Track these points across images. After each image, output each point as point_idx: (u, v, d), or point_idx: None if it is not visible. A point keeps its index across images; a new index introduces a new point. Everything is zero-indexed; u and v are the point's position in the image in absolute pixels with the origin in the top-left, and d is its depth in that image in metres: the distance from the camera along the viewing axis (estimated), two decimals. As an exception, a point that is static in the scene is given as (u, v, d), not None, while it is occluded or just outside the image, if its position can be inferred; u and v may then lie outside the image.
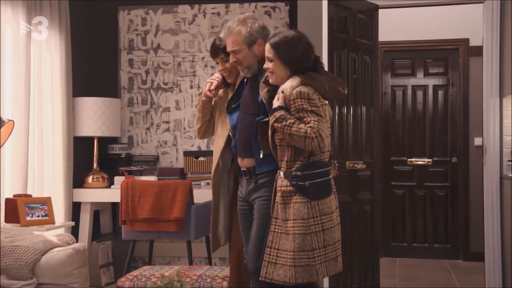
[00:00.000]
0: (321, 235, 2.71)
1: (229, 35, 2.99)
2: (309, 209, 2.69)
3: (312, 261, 2.70)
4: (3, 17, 3.98)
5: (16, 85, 4.11)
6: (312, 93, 2.70)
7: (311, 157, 2.71)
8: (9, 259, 2.84)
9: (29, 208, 3.33)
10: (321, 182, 2.74)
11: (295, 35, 2.79)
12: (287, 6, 5.14)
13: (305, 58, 2.78)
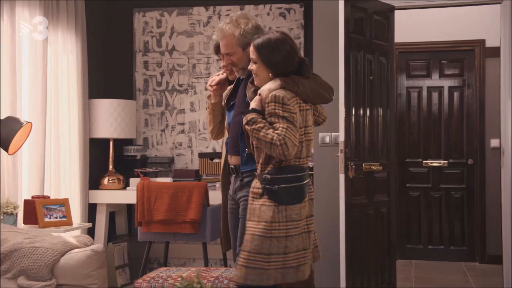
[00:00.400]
0: (284, 241, 2.64)
1: (222, 38, 2.96)
2: (275, 213, 2.64)
3: (267, 265, 2.63)
4: (20, 20, 4.00)
5: (33, 88, 4.14)
6: (290, 98, 2.65)
7: (283, 162, 2.67)
8: (29, 260, 2.86)
9: (47, 209, 3.35)
10: (292, 187, 2.68)
11: (279, 37, 2.74)
12: (302, 7, 5.13)
13: (288, 62, 2.74)
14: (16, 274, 2.78)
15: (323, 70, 4.25)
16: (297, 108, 2.68)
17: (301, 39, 5.14)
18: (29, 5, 4.07)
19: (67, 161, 4.59)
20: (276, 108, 2.62)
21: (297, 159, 2.70)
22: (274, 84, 2.69)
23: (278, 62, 2.71)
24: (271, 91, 2.67)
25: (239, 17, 2.99)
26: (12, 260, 2.82)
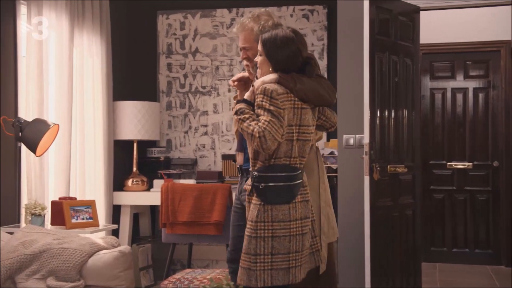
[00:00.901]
0: (269, 241, 2.59)
1: (241, 31, 2.99)
2: (260, 212, 2.60)
3: (254, 265, 2.59)
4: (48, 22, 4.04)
5: (59, 90, 4.18)
6: (281, 93, 2.62)
7: (272, 159, 2.63)
8: (58, 261, 2.89)
9: (74, 211, 3.37)
10: (279, 186, 2.63)
11: (287, 35, 2.71)
12: (325, 9, 5.12)
13: (290, 61, 2.71)
14: (45, 274, 2.82)
15: (348, 72, 4.24)
16: (288, 104, 2.64)
17: (324, 40, 5.13)
18: (56, 8, 4.12)
19: (92, 162, 4.62)
20: (264, 100, 2.60)
21: (287, 157, 2.65)
22: (269, 77, 2.69)
23: (280, 60, 2.70)
24: (264, 83, 2.66)
25: (262, 13, 3.02)
26: (42, 261, 2.85)
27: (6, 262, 2.90)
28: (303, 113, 2.69)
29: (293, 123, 2.65)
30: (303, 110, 2.69)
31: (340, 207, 4.27)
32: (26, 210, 3.48)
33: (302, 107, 2.68)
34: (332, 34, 5.07)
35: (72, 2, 4.28)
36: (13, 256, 2.94)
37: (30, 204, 3.48)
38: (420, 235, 4.36)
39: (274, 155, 2.62)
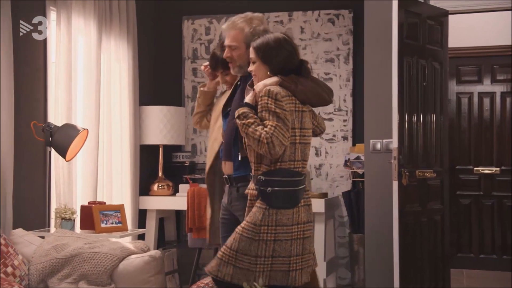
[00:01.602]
0: (271, 244, 2.60)
1: (231, 29, 2.94)
2: (265, 216, 2.59)
3: (253, 267, 2.60)
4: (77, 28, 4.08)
5: (87, 95, 4.21)
6: (284, 95, 2.62)
7: (277, 163, 2.62)
8: (89, 265, 2.91)
9: (103, 215, 3.39)
10: (286, 191, 2.63)
11: (278, 38, 2.74)
12: (351, 13, 5.10)
13: (287, 62, 2.72)
14: (77, 278, 2.84)
15: (375, 76, 4.21)
16: (291, 107, 2.65)
17: (350, 45, 5.10)
18: (84, 14, 4.15)
19: (119, 167, 4.65)
20: (269, 102, 2.59)
21: (291, 161, 2.65)
22: (270, 80, 2.68)
23: (277, 61, 2.70)
24: (266, 85, 2.65)
25: (254, 17, 3.00)
26: (73, 265, 2.87)
27: (39, 265, 2.92)
28: (303, 116, 2.70)
29: (295, 126, 2.66)
30: (303, 113, 2.70)
31: (367, 212, 4.24)
32: (56, 214, 3.51)
33: (302, 110, 2.70)
34: (358, 38, 5.05)
35: (100, 8, 4.32)
36: (46, 260, 2.97)
37: (60, 209, 3.51)
38: (449, 241, 4.31)
39: (280, 159, 2.62)
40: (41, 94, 3.91)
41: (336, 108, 5.14)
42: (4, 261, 2.76)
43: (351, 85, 5.11)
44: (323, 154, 5.17)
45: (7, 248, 2.82)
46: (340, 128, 5.14)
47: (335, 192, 5.14)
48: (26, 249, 3.03)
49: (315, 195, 4.85)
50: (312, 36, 5.18)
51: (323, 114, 5.16)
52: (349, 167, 4.90)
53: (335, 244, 5.12)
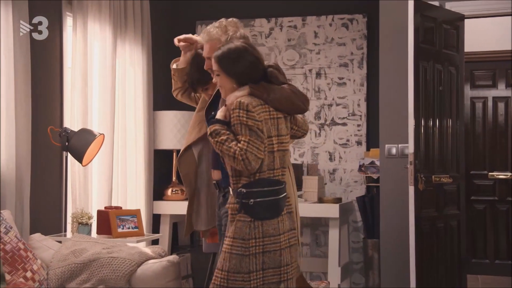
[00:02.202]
0: (261, 257, 2.55)
1: (207, 41, 2.85)
2: (251, 229, 2.54)
3: (248, 284, 2.53)
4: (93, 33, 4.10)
5: (102, 100, 4.23)
6: (256, 105, 2.55)
7: (257, 174, 2.54)
8: (107, 270, 2.91)
9: (120, 220, 3.40)
10: (268, 201, 2.57)
11: (239, 47, 2.63)
12: (365, 18, 5.09)
13: (251, 70, 2.63)
14: (96, 283, 2.84)
15: (390, 81, 4.20)
16: (265, 115, 2.57)
17: (364, 49, 5.10)
18: (100, 19, 4.17)
19: (133, 172, 4.66)
20: (241, 115, 2.52)
21: (270, 170, 2.57)
22: (241, 92, 2.60)
23: (241, 72, 2.62)
24: (237, 97, 2.58)
25: (229, 24, 2.89)
26: (91, 270, 2.87)
27: (58, 270, 2.93)
28: (279, 123, 2.63)
29: (272, 134, 2.59)
30: (279, 119, 2.63)
31: (382, 217, 4.23)
32: (73, 219, 3.52)
33: (277, 117, 2.62)
34: (372, 43, 5.04)
35: (115, 13, 4.34)
36: (64, 264, 2.98)
37: (76, 213, 3.52)
38: (465, 247, 4.28)
39: (259, 170, 2.55)
40: (57, 99, 3.93)
41: (350, 113, 5.13)
42: (24, 266, 2.77)
43: (365, 89, 5.10)
44: (337, 159, 5.16)
45: (26, 253, 2.83)
46: (354, 133, 5.12)
47: (349, 197, 5.12)
48: (45, 253, 3.04)
49: (329, 200, 4.84)
50: (326, 41, 5.18)
51: (337, 119, 5.16)
52: (364, 172, 4.88)
53: (349, 249, 5.10)
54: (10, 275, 2.66)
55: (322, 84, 5.20)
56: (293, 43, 5.25)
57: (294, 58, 5.25)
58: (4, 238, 2.76)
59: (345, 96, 5.15)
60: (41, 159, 3.73)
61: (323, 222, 5.15)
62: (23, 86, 3.48)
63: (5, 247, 2.73)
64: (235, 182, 2.58)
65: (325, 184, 5.13)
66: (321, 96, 5.19)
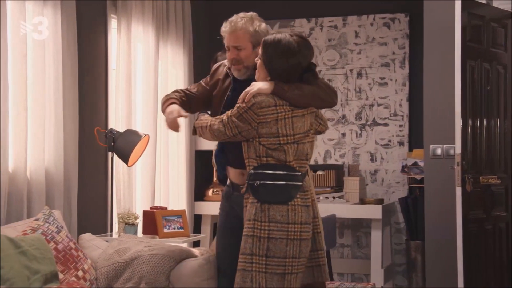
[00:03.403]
0: (265, 242, 2.46)
1: (234, 30, 2.70)
2: (258, 211, 2.48)
3: (249, 266, 2.46)
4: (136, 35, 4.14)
5: (145, 101, 4.26)
6: (265, 106, 2.49)
7: (264, 158, 2.50)
8: (147, 266, 2.93)
9: (166, 220, 3.42)
10: (274, 185, 2.49)
11: (290, 45, 2.52)
12: (407, 17, 5.03)
13: (288, 74, 2.55)
14: (137, 281, 2.86)
15: (435, 80, 4.14)
16: (272, 117, 2.50)
17: (406, 49, 5.03)
18: (143, 22, 4.21)
19: (175, 172, 4.69)
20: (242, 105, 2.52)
21: (280, 160, 2.51)
22: (264, 88, 2.53)
23: (277, 69, 2.54)
24: (258, 90, 2.52)
25: (254, 17, 2.79)
26: (133, 268, 2.89)
27: (103, 269, 2.96)
28: (294, 121, 2.54)
29: (281, 134, 2.51)
30: (295, 118, 2.55)
31: (427, 218, 4.16)
32: (119, 219, 3.55)
33: (292, 116, 2.54)
34: (415, 42, 4.98)
35: (158, 15, 4.37)
36: (109, 263, 3.00)
37: (123, 214, 3.55)
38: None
39: (265, 154, 2.51)
40: (102, 100, 3.98)
41: (392, 113, 5.07)
42: (75, 265, 2.80)
43: (407, 89, 5.04)
44: (378, 160, 5.11)
45: (77, 252, 2.86)
46: (396, 133, 5.07)
47: (390, 198, 5.07)
48: (94, 253, 3.08)
49: (371, 201, 4.79)
50: (367, 41, 5.13)
51: (378, 119, 5.10)
52: (407, 173, 4.82)
53: (392, 251, 5.04)
54: (63, 274, 2.70)
55: (363, 84, 5.15)
56: (333, 43, 5.22)
57: (335, 58, 5.22)
58: (56, 237, 2.80)
59: (386, 96, 5.10)
60: (87, 160, 3.77)
61: (364, 224, 5.10)
62: (70, 88, 3.53)
63: (57, 246, 2.76)
64: (246, 164, 2.57)
65: (367, 185, 5.09)
66: (362, 96, 5.15)
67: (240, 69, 2.72)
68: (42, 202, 3.26)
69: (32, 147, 3.27)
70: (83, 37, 3.70)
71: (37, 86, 3.30)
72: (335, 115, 5.20)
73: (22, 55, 3.17)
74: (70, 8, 3.51)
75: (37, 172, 3.27)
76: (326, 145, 5.22)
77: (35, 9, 3.27)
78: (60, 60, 3.42)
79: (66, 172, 3.48)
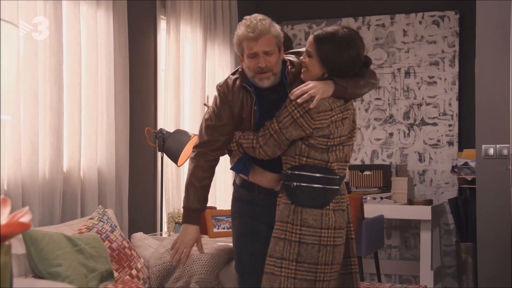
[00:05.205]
0: (296, 247, 2.31)
1: (262, 34, 2.41)
2: (290, 213, 2.34)
3: (278, 270, 2.32)
4: (185, 36, 4.17)
5: (193, 101, 4.29)
6: (322, 111, 2.31)
7: (303, 157, 2.34)
8: (197, 265, 2.95)
9: (215, 220, 3.43)
10: (311, 188, 2.34)
11: (346, 36, 2.34)
12: (457, 14, 4.93)
13: (349, 68, 2.36)
14: (188, 280, 2.88)
15: (488, 79, 4.04)
16: (326, 122, 2.33)
17: (456, 47, 4.94)
18: (191, 22, 4.24)
19: (222, 173, 4.70)
20: (297, 110, 2.31)
21: (323, 161, 2.36)
22: (326, 91, 2.32)
23: (337, 64, 2.34)
24: (320, 91, 2.30)
25: (272, 20, 2.52)
26: (183, 267, 2.91)
27: (155, 268, 2.99)
28: (344, 123, 2.40)
29: (330, 136, 2.36)
30: (344, 120, 2.39)
31: (479, 220, 4.07)
32: (170, 218, 3.58)
33: (343, 118, 2.38)
34: (465, 40, 4.88)
35: (206, 16, 4.40)
36: (160, 263, 3.03)
37: (173, 213, 3.58)
38: None
39: (306, 154, 2.35)
40: (151, 101, 4.02)
41: (441, 112, 4.98)
42: (129, 264, 2.84)
43: (456, 88, 4.94)
44: (427, 160, 5.03)
45: (130, 251, 2.90)
46: (445, 133, 4.97)
47: (439, 199, 4.98)
48: (146, 252, 3.11)
49: (419, 201, 4.72)
50: (415, 39, 5.05)
51: (427, 118, 5.02)
52: (457, 174, 4.73)
53: (441, 252, 4.95)
54: (117, 273, 2.73)
55: (411, 83, 5.08)
56: (381, 42, 5.16)
57: (382, 57, 5.15)
58: (110, 236, 2.84)
59: (435, 95, 5.01)
60: (137, 160, 3.82)
61: (412, 225, 5.03)
62: (122, 88, 3.57)
63: (111, 245, 2.80)
64: (284, 162, 2.42)
65: (415, 186, 5.01)
66: (410, 95, 5.07)
67: (269, 77, 2.44)
68: (95, 201, 3.31)
69: (85, 147, 3.32)
70: (133, 39, 3.75)
71: (90, 88, 3.35)
72: (382, 114, 5.14)
73: (77, 57, 3.23)
74: (122, 9, 3.56)
75: (90, 172, 3.33)
76: (373, 145, 5.17)
77: (89, 11, 3.32)
78: (112, 61, 3.47)
79: (118, 171, 3.52)
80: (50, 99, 3.06)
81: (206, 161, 2.54)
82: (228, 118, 2.49)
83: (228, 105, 2.49)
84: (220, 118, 2.50)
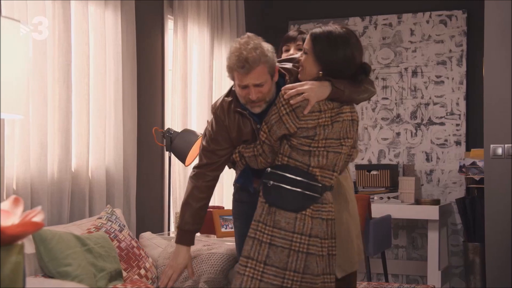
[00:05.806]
0: (266, 248, 2.23)
1: (252, 67, 2.28)
2: (264, 212, 2.26)
3: (242, 269, 2.24)
4: (192, 36, 4.18)
5: (200, 101, 4.29)
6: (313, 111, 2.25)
7: (285, 157, 2.27)
8: (206, 265, 2.94)
9: (223, 219, 3.43)
10: (289, 190, 2.25)
11: (341, 35, 2.30)
12: (465, 14, 4.92)
13: (345, 66, 2.30)
14: (197, 280, 2.88)
15: (497, 78, 4.03)
16: (313, 123, 2.26)
17: (463, 46, 4.92)
18: (199, 22, 4.24)
19: (229, 173, 4.69)
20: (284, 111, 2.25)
21: (304, 164, 2.28)
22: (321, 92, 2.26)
23: (332, 62, 2.30)
24: (315, 96, 2.24)
25: (258, 40, 2.39)
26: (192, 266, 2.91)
27: (163, 268, 2.99)
28: (334, 126, 2.30)
29: (320, 138, 2.28)
30: (334, 123, 2.30)
31: (488, 220, 4.05)
32: (177, 218, 3.58)
33: (333, 121, 2.30)
34: (473, 39, 4.87)
35: (213, 16, 4.40)
36: (169, 262, 3.03)
37: (181, 213, 3.58)
38: None
39: (288, 154, 2.28)
40: (159, 101, 4.02)
41: (448, 112, 4.97)
42: (138, 263, 2.84)
43: (464, 88, 4.93)
44: (434, 160, 5.01)
45: (139, 251, 2.90)
46: (453, 132, 4.96)
47: (447, 198, 4.97)
48: (154, 251, 3.11)
49: (427, 201, 4.71)
50: (423, 38, 5.04)
51: (434, 118, 5.01)
52: (465, 173, 4.71)
53: (448, 252, 4.94)
54: (126, 272, 2.74)
55: (419, 82, 5.07)
56: (388, 41, 5.15)
57: (389, 57, 5.15)
58: (118, 236, 2.84)
59: (442, 94, 5.00)
60: (145, 160, 3.82)
61: (419, 224, 5.01)
62: (129, 88, 3.58)
63: (120, 244, 2.81)
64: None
65: (422, 185, 5.00)
66: (418, 95, 5.06)
67: (261, 105, 2.37)
68: (103, 201, 3.32)
69: (93, 147, 3.33)
70: (141, 38, 3.75)
71: (98, 87, 3.36)
72: (390, 114, 5.13)
73: (85, 57, 3.23)
74: (130, 9, 3.56)
75: (98, 172, 3.34)
76: (380, 144, 5.16)
77: (97, 11, 3.33)
78: (120, 60, 3.47)
79: (126, 171, 3.53)
80: (58, 99, 3.07)
81: (204, 181, 2.51)
82: (225, 142, 2.44)
83: (225, 130, 2.43)
84: (217, 143, 2.46)
